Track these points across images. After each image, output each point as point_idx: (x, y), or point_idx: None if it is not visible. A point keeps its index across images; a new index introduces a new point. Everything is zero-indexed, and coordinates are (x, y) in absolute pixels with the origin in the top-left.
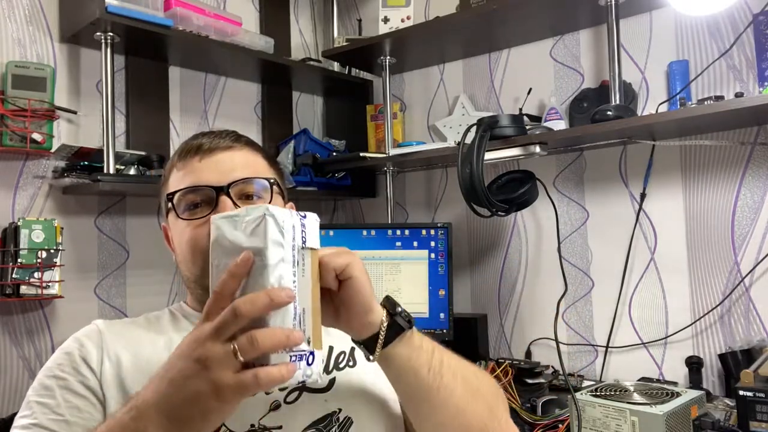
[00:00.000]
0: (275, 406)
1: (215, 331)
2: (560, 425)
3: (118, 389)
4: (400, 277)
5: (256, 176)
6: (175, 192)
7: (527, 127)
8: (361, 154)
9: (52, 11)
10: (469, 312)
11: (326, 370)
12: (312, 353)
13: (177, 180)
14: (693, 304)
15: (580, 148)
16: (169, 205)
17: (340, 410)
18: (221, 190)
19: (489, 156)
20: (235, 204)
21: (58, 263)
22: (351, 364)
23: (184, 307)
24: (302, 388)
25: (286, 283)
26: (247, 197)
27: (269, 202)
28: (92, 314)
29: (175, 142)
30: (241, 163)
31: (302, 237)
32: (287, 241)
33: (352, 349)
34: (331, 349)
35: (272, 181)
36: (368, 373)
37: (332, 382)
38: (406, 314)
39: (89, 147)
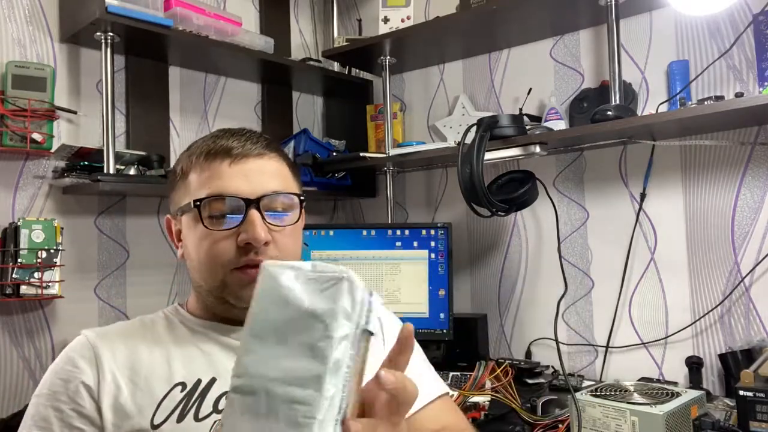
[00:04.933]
0: None
1: None
2: (560, 425)
3: (116, 413)
4: (400, 277)
5: (286, 191)
6: (204, 198)
7: (527, 127)
8: (361, 154)
9: (52, 11)
10: (469, 312)
11: None
12: None
13: (201, 181)
14: (693, 304)
15: (580, 148)
16: (194, 208)
17: None
18: (251, 202)
19: (489, 156)
20: (263, 219)
21: (58, 263)
22: None
23: (180, 311)
24: None
25: (343, 368)
26: (275, 211)
27: (297, 221)
28: (92, 314)
29: (175, 142)
30: (271, 174)
31: (366, 317)
32: (354, 317)
33: None
34: None
35: (302, 198)
36: None
37: None
38: None
39: (89, 147)
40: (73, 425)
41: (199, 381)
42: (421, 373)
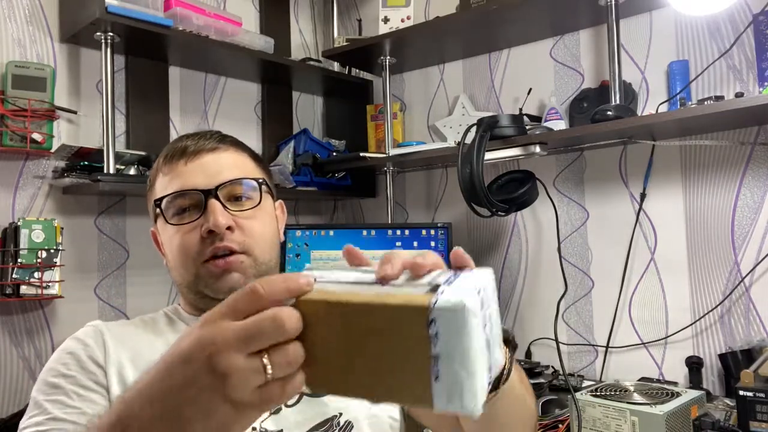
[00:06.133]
0: (276, 410)
1: (243, 339)
2: (560, 425)
3: (122, 388)
4: None
5: (243, 177)
6: (163, 197)
7: (527, 127)
8: (361, 154)
9: (52, 11)
10: None
11: None
12: None
13: (163, 185)
14: (693, 304)
15: (580, 148)
16: (157, 210)
17: (340, 414)
18: (209, 193)
19: (489, 156)
20: (224, 206)
21: (58, 263)
22: None
23: (179, 310)
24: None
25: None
26: (236, 198)
27: (258, 203)
28: (92, 314)
29: None
30: (227, 164)
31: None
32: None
33: None
34: None
35: (261, 181)
36: None
37: None
38: (513, 336)
39: (89, 147)
40: (88, 387)
41: None
42: None
